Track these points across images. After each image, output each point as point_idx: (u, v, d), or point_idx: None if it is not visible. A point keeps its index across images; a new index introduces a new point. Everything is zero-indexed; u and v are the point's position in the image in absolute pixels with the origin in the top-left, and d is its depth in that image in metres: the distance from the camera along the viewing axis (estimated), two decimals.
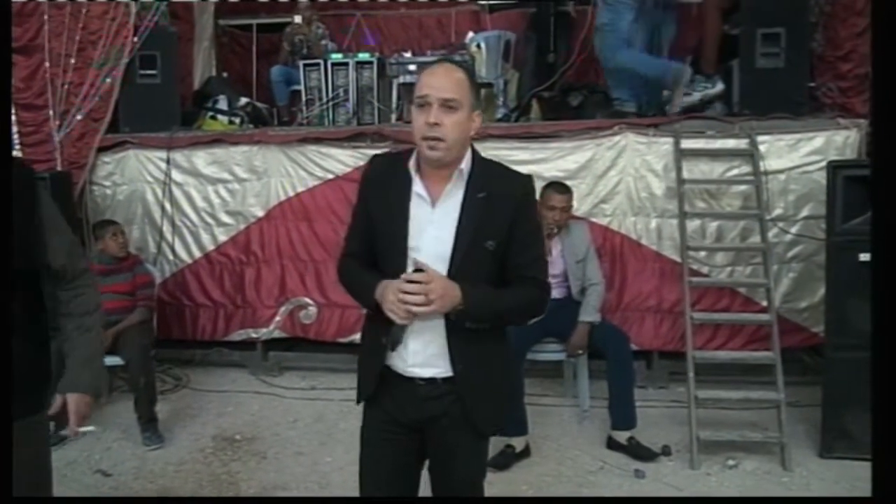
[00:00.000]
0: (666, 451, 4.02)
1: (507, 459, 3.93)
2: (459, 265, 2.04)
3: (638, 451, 3.99)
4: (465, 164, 2.09)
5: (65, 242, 2.31)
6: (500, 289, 2.10)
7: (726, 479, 3.78)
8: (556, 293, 4.33)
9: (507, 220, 2.06)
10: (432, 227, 2.07)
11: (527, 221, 2.11)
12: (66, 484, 3.74)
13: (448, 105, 2.01)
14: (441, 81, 2.03)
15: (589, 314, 4.18)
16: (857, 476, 3.71)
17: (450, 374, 2.10)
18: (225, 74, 7.25)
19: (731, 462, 3.92)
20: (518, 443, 3.99)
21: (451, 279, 2.01)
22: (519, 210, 2.08)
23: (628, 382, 4.14)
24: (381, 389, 2.17)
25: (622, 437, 4.06)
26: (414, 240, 2.07)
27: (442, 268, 2.02)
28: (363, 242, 2.18)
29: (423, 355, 2.10)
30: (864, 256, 3.83)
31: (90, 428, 2.54)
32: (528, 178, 2.16)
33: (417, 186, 2.09)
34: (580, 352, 4.25)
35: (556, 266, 4.31)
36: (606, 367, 4.18)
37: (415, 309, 1.95)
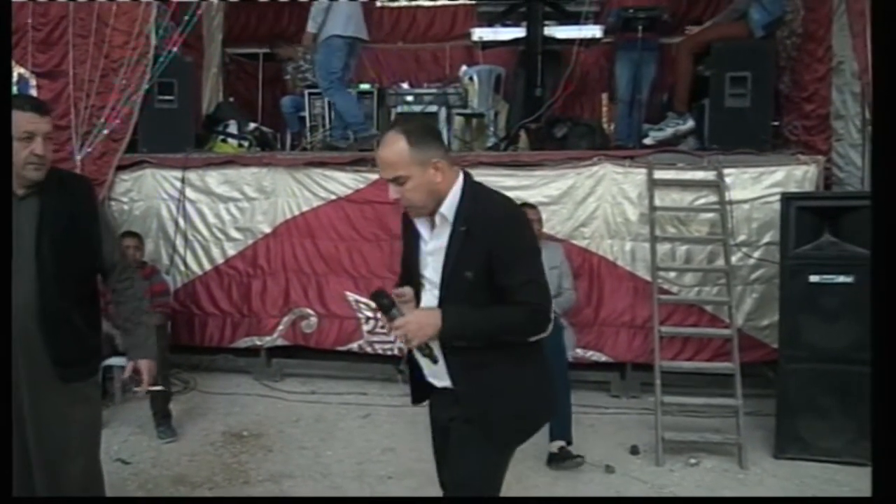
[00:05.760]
0: (634, 450, 4.42)
1: None
2: (447, 292, 2.30)
3: (565, 460, 4.17)
4: (447, 206, 2.28)
5: (117, 242, 2.86)
6: (488, 309, 2.26)
7: (687, 475, 4.19)
8: None
9: (484, 250, 2.20)
10: (431, 260, 2.37)
11: (506, 247, 2.21)
12: None
13: (397, 181, 2.25)
14: (383, 163, 2.28)
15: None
16: (806, 474, 4.16)
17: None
18: (231, 99, 7.68)
19: (692, 461, 4.32)
20: None
21: (443, 302, 2.29)
22: (495, 239, 2.20)
23: (564, 394, 4.29)
24: (431, 394, 2.55)
25: (554, 446, 4.22)
26: (423, 271, 2.40)
27: (437, 293, 2.33)
28: (404, 272, 2.54)
29: (432, 370, 2.41)
30: (814, 278, 4.32)
31: (159, 387, 3.10)
32: (504, 207, 2.30)
33: (420, 228, 2.40)
34: None
35: None
36: None
37: (408, 344, 2.29)
